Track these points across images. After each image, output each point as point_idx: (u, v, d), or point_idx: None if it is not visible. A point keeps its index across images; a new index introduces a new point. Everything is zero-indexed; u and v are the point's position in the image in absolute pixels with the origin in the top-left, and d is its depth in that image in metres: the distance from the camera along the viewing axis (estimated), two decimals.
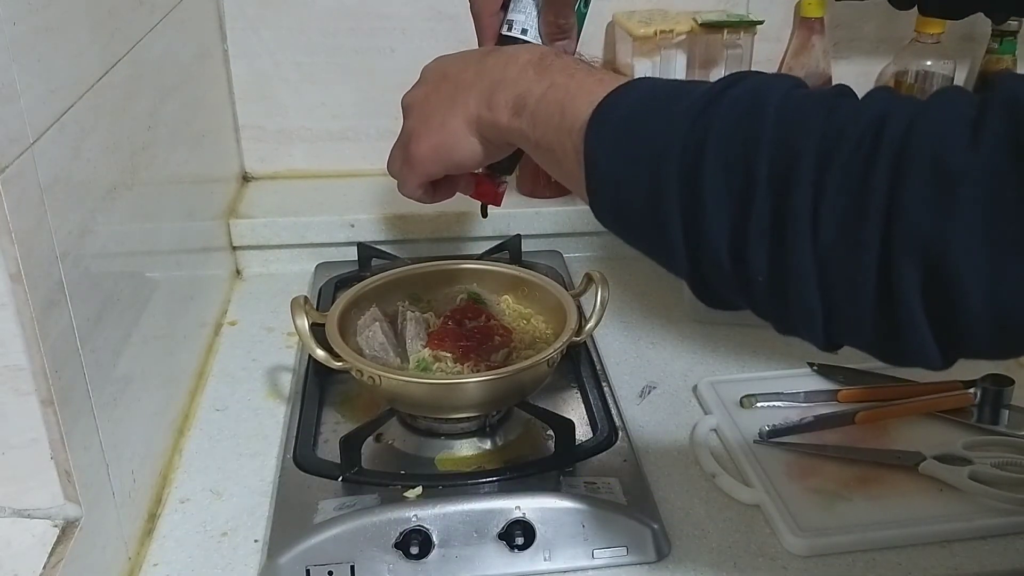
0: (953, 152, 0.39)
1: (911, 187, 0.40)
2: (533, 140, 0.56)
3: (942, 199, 0.39)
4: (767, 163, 0.43)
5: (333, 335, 0.80)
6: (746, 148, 0.44)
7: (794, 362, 0.93)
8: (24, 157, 0.55)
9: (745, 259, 0.45)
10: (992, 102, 0.40)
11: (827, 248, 0.42)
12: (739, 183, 0.44)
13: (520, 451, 0.80)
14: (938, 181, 0.39)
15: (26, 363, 0.56)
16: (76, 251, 0.63)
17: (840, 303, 0.43)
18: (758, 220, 0.44)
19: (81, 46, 0.66)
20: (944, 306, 0.40)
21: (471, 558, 0.70)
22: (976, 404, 0.83)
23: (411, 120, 0.64)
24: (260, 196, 1.19)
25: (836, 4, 1.17)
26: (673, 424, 0.86)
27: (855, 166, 0.41)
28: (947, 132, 0.40)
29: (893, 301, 0.41)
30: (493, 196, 0.74)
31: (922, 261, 0.40)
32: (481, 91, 0.58)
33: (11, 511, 0.60)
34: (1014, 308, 0.39)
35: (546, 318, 0.88)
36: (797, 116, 0.44)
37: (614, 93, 0.51)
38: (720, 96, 0.47)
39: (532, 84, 0.55)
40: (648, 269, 1.13)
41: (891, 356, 0.45)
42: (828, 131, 0.43)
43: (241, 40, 1.16)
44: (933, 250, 0.39)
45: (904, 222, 0.40)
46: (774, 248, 0.44)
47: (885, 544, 0.72)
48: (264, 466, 0.81)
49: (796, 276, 0.43)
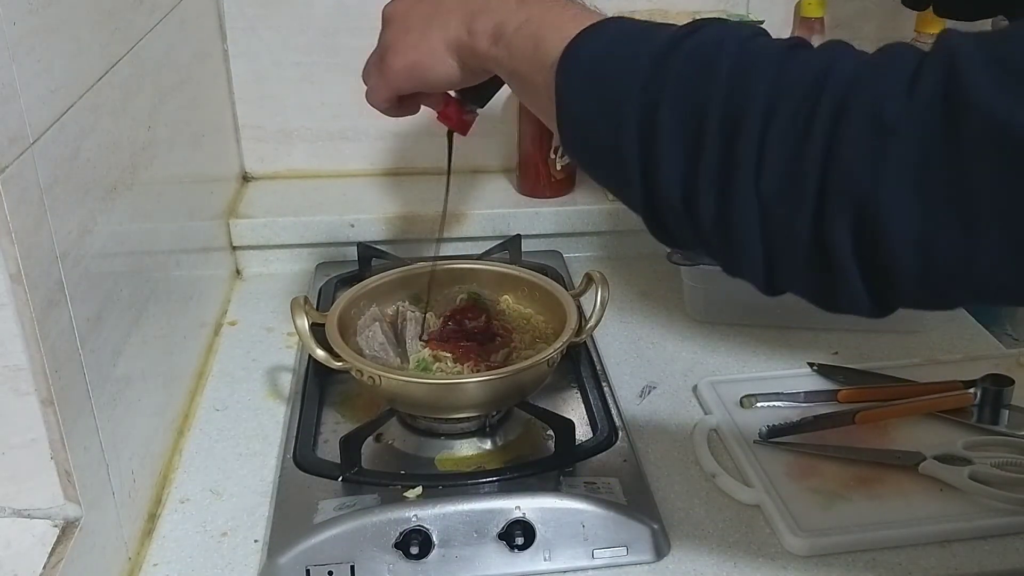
0: (889, 104, 0.40)
1: (847, 137, 0.41)
2: (509, 69, 0.57)
3: (874, 149, 0.40)
4: (718, 113, 0.45)
5: (333, 335, 0.80)
6: (699, 98, 0.46)
7: (794, 362, 0.93)
8: (24, 157, 0.55)
9: (696, 204, 0.47)
10: (930, 57, 0.41)
11: (768, 196, 0.44)
12: (692, 132, 0.46)
13: (520, 451, 0.80)
14: (873, 131, 0.40)
15: (26, 363, 0.56)
16: (76, 251, 0.63)
17: (779, 250, 0.45)
18: (707, 168, 0.46)
19: (81, 46, 0.66)
20: (873, 254, 0.41)
21: (471, 558, 0.70)
22: (976, 404, 0.83)
23: (390, 32, 0.64)
24: (260, 196, 1.19)
25: (836, 4, 1.17)
26: (673, 424, 0.86)
27: (798, 117, 0.43)
28: (886, 85, 0.41)
29: (826, 249, 0.43)
30: (457, 122, 0.74)
31: (853, 209, 0.41)
32: (463, 15, 0.59)
33: (11, 511, 0.60)
34: (940, 257, 0.40)
35: (546, 318, 0.88)
36: (749, 67, 0.46)
37: (586, 31, 0.52)
38: (681, 43, 0.48)
39: (511, 14, 0.57)
40: (648, 269, 1.14)
41: (827, 303, 0.46)
42: (777, 83, 0.44)
43: (241, 40, 1.16)
44: (864, 198, 0.41)
45: (839, 171, 0.41)
46: (721, 195, 0.46)
47: (885, 544, 0.72)
48: (264, 466, 0.81)
49: (740, 223, 0.45)
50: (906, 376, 0.89)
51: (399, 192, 1.19)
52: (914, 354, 0.94)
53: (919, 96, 0.40)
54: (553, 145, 1.14)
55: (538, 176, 1.16)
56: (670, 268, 1.01)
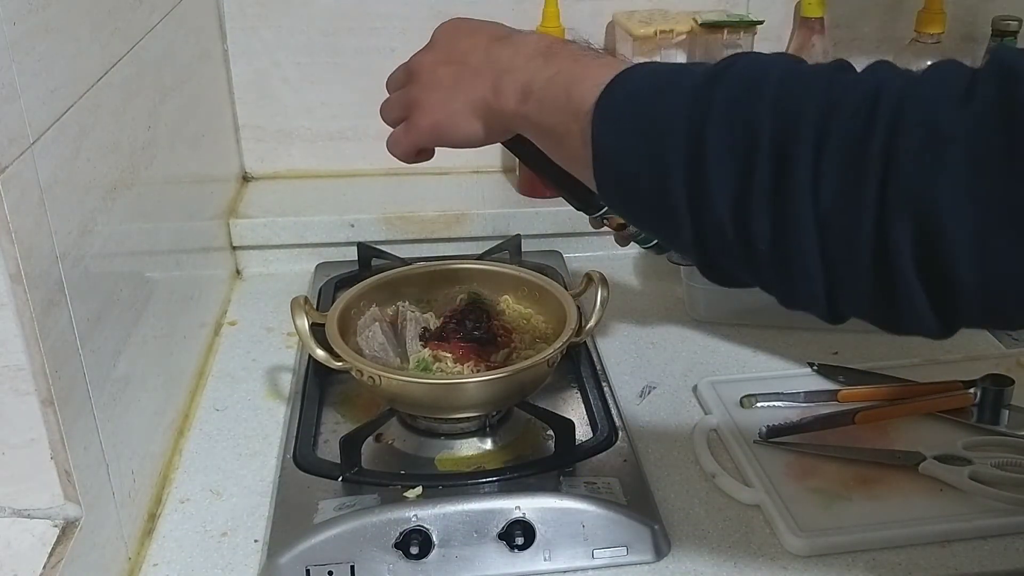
0: (945, 113, 0.40)
1: (905, 147, 0.41)
2: (539, 123, 0.57)
3: (932, 158, 0.40)
4: (769, 132, 0.44)
5: (333, 335, 0.80)
6: (748, 118, 0.45)
7: (794, 362, 0.93)
8: (24, 157, 0.55)
9: (748, 227, 0.45)
10: (985, 69, 0.41)
11: (827, 212, 0.43)
12: (742, 152, 0.45)
13: (520, 451, 0.80)
14: (929, 141, 0.40)
15: (26, 363, 0.56)
16: (76, 251, 0.63)
17: (840, 268, 0.44)
18: (760, 188, 0.45)
19: (81, 46, 0.66)
20: (935, 267, 0.41)
21: (471, 558, 0.70)
22: (976, 404, 0.83)
23: (416, 87, 0.64)
24: (260, 196, 1.19)
25: (836, 4, 1.17)
26: (673, 424, 0.86)
27: (853, 131, 0.42)
28: (940, 96, 0.41)
29: (888, 263, 0.42)
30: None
31: (913, 219, 0.41)
32: (490, 76, 0.59)
33: (11, 511, 0.60)
34: (999, 269, 0.40)
35: (546, 318, 0.88)
36: (798, 87, 0.45)
37: (621, 74, 0.52)
38: (723, 72, 0.48)
39: (538, 71, 0.57)
40: (648, 269, 1.14)
41: (891, 324, 0.45)
42: (828, 99, 0.44)
43: (241, 40, 1.16)
44: (923, 207, 0.40)
45: (898, 181, 0.41)
46: (776, 215, 0.44)
47: (885, 544, 0.72)
48: (264, 466, 0.81)
49: (798, 241, 0.44)
50: (906, 376, 0.89)
51: (399, 192, 1.19)
52: (914, 354, 0.94)
53: (975, 105, 0.40)
54: None
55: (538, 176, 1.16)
56: (670, 268, 1.01)
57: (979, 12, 1.21)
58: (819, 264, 0.44)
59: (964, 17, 1.21)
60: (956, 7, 1.17)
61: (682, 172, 0.47)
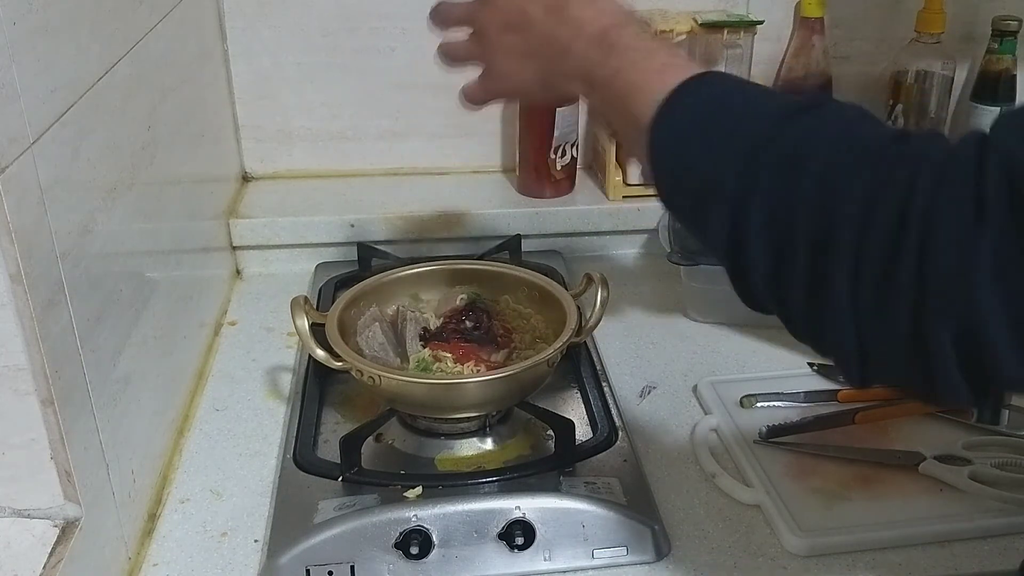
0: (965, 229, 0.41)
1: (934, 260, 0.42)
2: (603, 112, 0.61)
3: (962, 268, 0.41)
4: (805, 226, 0.46)
5: (333, 335, 0.80)
6: (788, 206, 0.47)
7: (794, 362, 0.93)
8: (24, 157, 0.55)
9: (785, 302, 0.48)
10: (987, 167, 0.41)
11: (864, 309, 0.44)
12: (780, 239, 0.47)
13: (520, 451, 0.80)
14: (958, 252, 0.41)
15: (26, 363, 0.56)
16: (76, 251, 0.63)
17: (875, 352, 0.45)
18: (797, 275, 0.46)
19: (81, 46, 0.66)
20: (978, 364, 0.42)
21: (471, 558, 0.70)
22: None
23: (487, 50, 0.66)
24: (260, 196, 1.19)
25: (836, 4, 1.17)
26: (673, 424, 0.86)
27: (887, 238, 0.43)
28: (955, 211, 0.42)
29: (926, 350, 0.43)
30: None
31: (953, 325, 0.42)
32: (551, 59, 0.62)
33: (11, 511, 0.60)
34: None
35: (546, 318, 0.88)
36: (838, 181, 0.46)
37: (675, 95, 0.52)
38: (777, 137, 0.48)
39: (597, 66, 0.58)
40: (648, 269, 1.14)
41: (927, 398, 0.48)
42: (866, 200, 0.44)
43: (241, 40, 1.16)
44: (961, 313, 0.42)
45: (932, 290, 0.42)
46: (811, 300, 0.46)
47: (885, 544, 0.72)
48: (264, 466, 0.81)
49: (833, 327, 0.46)
50: None
51: (399, 192, 1.19)
52: None
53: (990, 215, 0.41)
54: (553, 145, 1.14)
55: (538, 176, 1.16)
56: (670, 268, 1.01)
57: (979, 12, 1.21)
58: (854, 344, 0.46)
59: (964, 17, 1.21)
60: (956, 7, 1.17)
61: (724, 233, 0.49)
